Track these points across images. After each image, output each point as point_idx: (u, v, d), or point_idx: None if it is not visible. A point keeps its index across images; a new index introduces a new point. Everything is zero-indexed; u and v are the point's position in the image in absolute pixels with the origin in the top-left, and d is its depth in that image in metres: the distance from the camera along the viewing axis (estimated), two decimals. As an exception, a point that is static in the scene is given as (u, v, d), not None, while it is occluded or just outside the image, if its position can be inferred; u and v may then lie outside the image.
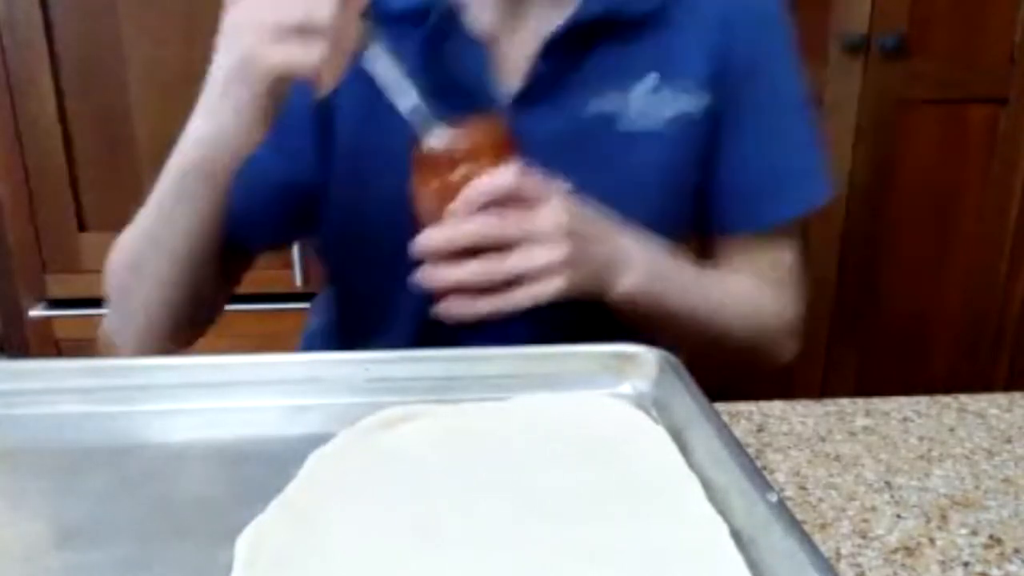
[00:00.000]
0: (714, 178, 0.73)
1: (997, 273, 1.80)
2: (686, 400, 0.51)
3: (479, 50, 0.66)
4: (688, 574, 0.38)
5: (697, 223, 0.76)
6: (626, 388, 0.56)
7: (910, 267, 1.78)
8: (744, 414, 0.75)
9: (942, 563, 0.55)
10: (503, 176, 0.57)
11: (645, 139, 0.68)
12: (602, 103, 0.67)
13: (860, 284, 1.78)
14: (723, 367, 0.76)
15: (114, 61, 1.41)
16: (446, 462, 0.47)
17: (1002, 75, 1.67)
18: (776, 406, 0.76)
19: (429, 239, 0.57)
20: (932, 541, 0.57)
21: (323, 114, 0.68)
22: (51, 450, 0.49)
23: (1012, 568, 0.55)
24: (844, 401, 0.77)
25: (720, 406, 0.51)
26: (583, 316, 0.62)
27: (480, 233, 0.57)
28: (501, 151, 0.59)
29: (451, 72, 0.64)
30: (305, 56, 0.52)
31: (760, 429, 0.72)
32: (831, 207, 1.71)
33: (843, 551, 0.56)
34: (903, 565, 0.55)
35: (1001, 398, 0.78)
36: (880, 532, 0.58)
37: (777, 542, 0.38)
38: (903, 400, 0.77)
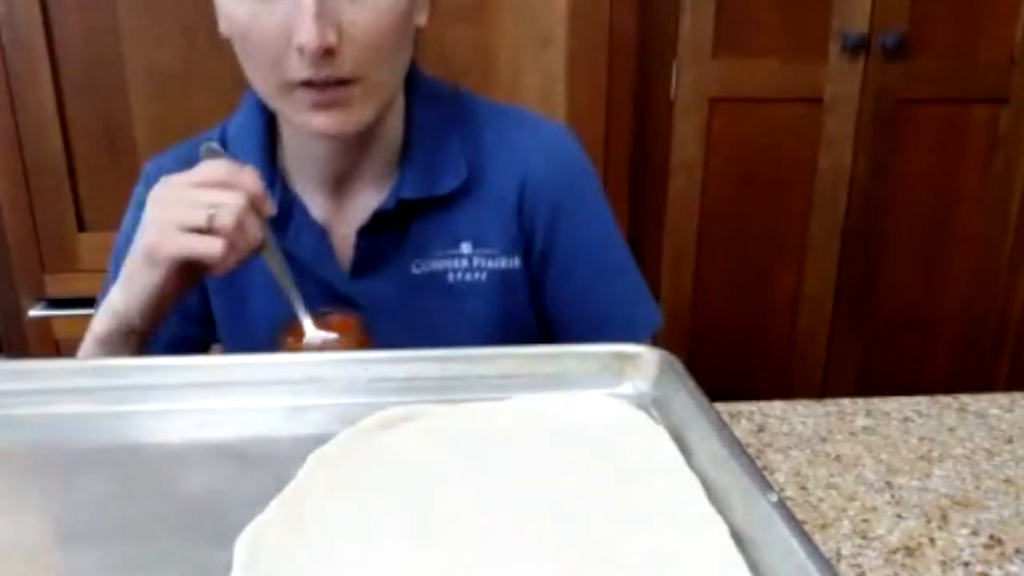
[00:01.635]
0: (549, 316, 0.81)
1: (998, 273, 1.80)
2: (686, 400, 0.51)
3: (316, 231, 0.75)
4: (688, 574, 0.38)
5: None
6: (626, 388, 0.56)
7: (910, 267, 1.78)
8: (744, 414, 0.75)
9: (943, 563, 0.55)
10: None
11: (472, 290, 0.76)
12: (428, 264, 0.75)
13: (860, 284, 1.78)
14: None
15: (114, 61, 1.41)
16: (446, 462, 0.47)
17: (1002, 75, 1.67)
18: (776, 406, 0.76)
19: None
20: (933, 541, 0.57)
21: (232, 294, 0.79)
22: (51, 450, 0.49)
23: (1013, 568, 0.55)
24: (844, 401, 0.77)
25: (720, 406, 0.51)
26: None
27: None
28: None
29: (295, 250, 0.73)
30: (205, 249, 0.61)
31: (760, 429, 0.72)
32: (832, 207, 1.72)
33: (844, 551, 0.56)
34: (903, 565, 0.55)
35: (1002, 398, 0.78)
36: (881, 532, 0.58)
37: (777, 542, 0.38)
38: (903, 400, 0.77)
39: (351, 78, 0.64)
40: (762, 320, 1.79)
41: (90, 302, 1.45)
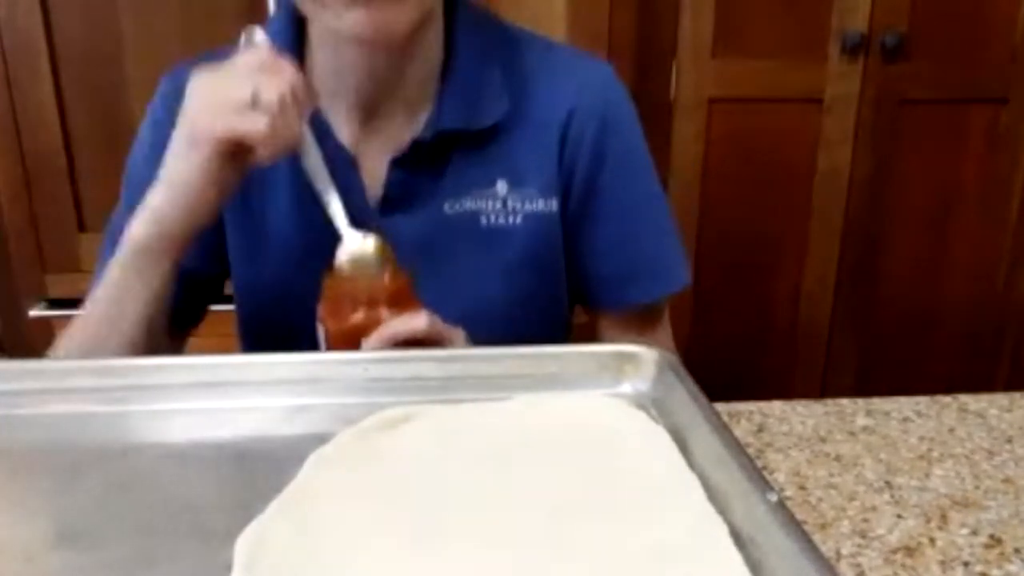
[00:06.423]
0: (578, 265, 0.78)
1: (997, 273, 1.80)
2: (686, 400, 0.51)
3: (344, 159, 0.70)
4: (688, 574, 0.38)
5: (575, 301, 0.81)
6: (626, 388, 0.56)
7: (910, 267, 1.78)
8: (744, 414, 0.75)
9: (942, 563, 0.55)
10: (417, 321, 0.62)
11: (505, 234, 0.73)
12: (461, 203, 0.72)
13: (860, 284, 1.78)
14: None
15: (114, 61, 1.41)
16: (446, 462, 0.47)
17: (1002, 75, 1.67)
18: (776, 406, 0.76)
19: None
20: (932, 541, 0.57)
21: (249, 219, 0.74)
22: (51, 450, 0.49)
23: (1012, 568, 0.55)
24: (844, 401, 0.77)
25: (720, 406, 0.51)
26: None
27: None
28: (401, 298, 0.65)
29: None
30: (251, 126, 0.58)
31: (760, 429, 0.72)
32: (831, 207, 1.72)
33: (843, 551, 0.56)
34: (903, 565, 0.55)
35: (1001, 398, 0.78)
36: (880, 532, 0.58)
37: (777, 542, 0.38)
38: (903, 400, 0.77)
39: None
40: (762, 320, 1.79)
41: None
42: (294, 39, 0.71)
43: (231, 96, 0.59)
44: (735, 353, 1.79)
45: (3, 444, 0.50)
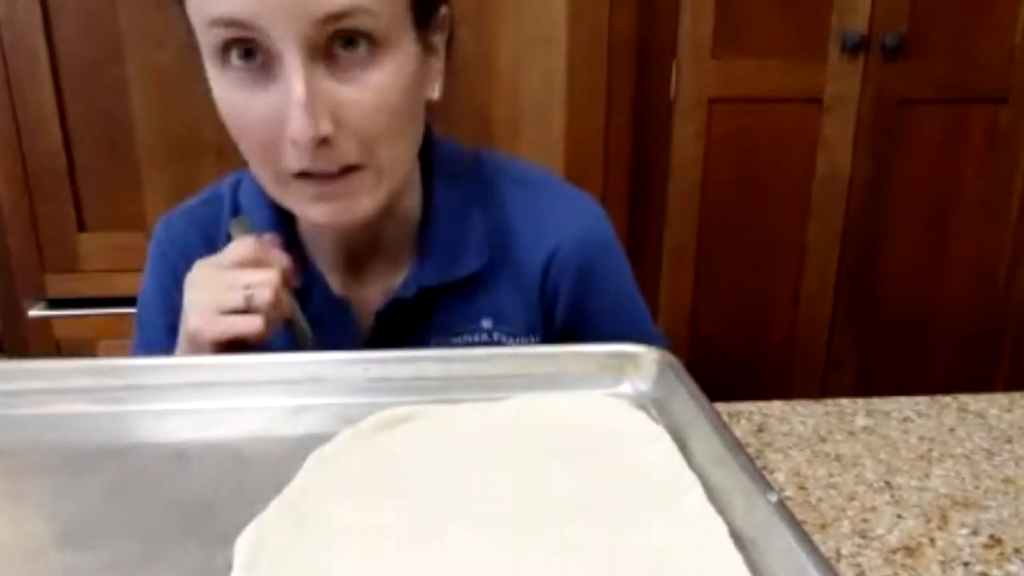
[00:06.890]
0: None
1: (997, 273, 1.80)
2: (686, 400, 0.51)
3: (338, 305, 0.73)
4: (688, 574, 0.38)
5: None
6: (626, 388, 0.56)
7: (910, 267, 1.78)
8: (744, 414, 0.75)
9: (942, 563, 0.55)
10: None
11: None
12: (448, 340, 0.73)
13: (860, 284, 1.78)
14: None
15: (114, 61, 1.41)
16: (446, 462, 0.47)
17: (1002, 75, 1.67)
18: (776, 406, 0.76)
19: None
20: (932, 541, 0.57)
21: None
22: (51, 450, 0.49)
23: (1012, 568, 0.55)
24: (844, 401, 0.77)
25: (720, 406, 0.51)
26: None
27: None
28: None
29: (317, 321, 0.70)
30: (246, 329, 0.62)
31: (760, 429, 0.72)
32: (831, 207, 1.72)
33: (843, 551, 0.56)
34: (903, 565, 0.55)
35: (1001, 398, 0.78)
36: (880, 532, 0.58)
37: (777, 542, 0.38)
38: (903, 400, 0.77)
39: (354, 166, 0.60)
40: (762, 320, 1.79)
41: (90, 302, 1.47)
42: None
43: (225, 303, 0.62)
44: (735, 353, 1.80)
45: (3, 444, 0.50)
